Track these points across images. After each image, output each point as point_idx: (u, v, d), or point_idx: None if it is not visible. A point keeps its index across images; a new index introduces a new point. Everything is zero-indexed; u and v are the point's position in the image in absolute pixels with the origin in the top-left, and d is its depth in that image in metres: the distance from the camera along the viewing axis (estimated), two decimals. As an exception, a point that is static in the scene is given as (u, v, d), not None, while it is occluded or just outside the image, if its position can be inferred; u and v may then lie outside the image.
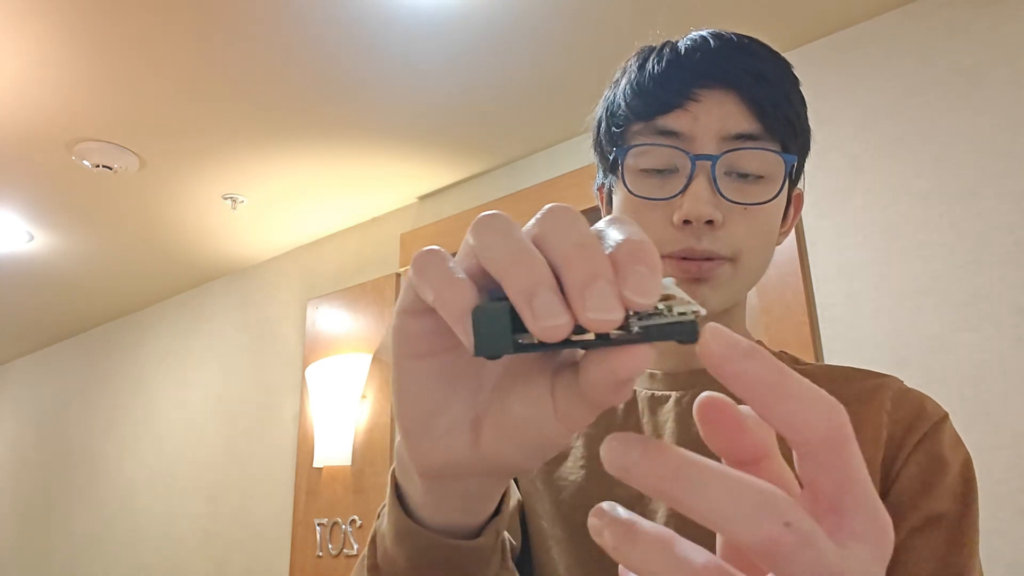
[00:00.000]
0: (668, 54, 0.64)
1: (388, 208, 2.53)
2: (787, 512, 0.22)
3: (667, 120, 0.61)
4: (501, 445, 0.32)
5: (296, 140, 2.09)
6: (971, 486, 0.58)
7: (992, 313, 1.37)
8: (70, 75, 1.79)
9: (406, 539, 0.39)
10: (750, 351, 0.23)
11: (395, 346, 0.33)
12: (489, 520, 0.40)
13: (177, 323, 3.20)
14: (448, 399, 0.33)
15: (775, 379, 0.23)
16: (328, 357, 2.45)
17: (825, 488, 0.24)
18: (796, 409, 0.23)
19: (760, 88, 0.61)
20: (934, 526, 0.55)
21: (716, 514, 0.22)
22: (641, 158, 0.63)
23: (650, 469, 0.23)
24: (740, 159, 0.61)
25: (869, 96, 1.59)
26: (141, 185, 2.31)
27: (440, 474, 0.34)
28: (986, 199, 1.43)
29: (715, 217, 0.59)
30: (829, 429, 0.23)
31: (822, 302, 1.56)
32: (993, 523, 1.28)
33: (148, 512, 2.99)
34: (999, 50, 1.47)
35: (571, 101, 1.92)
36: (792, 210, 0.71)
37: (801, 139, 0.65)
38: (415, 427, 0.33)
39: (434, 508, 0.37)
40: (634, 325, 0.25)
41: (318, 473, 2.39)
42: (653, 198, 0.62)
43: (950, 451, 0.58)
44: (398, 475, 0.39)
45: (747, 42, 0.65)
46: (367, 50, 1.73)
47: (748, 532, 0.22)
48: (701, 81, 0.61)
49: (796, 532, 0.22)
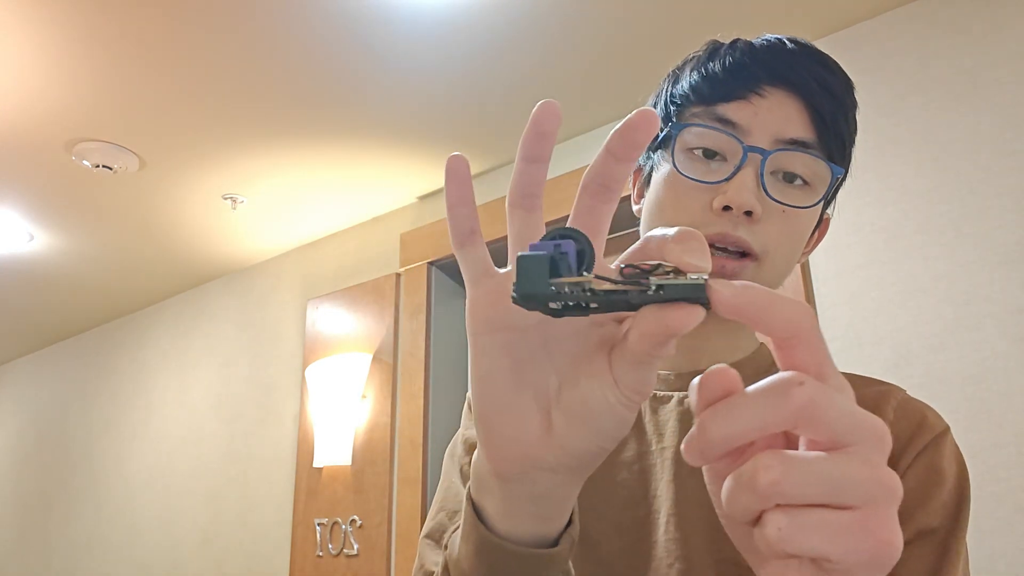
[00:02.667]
0: (742, 46, 0.64)
1: (388, 208, 2.53)
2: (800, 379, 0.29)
3: (728, 109, 0.62)
4: (571, 428, 0.35)
5: (296, 140, 2.09)
6: (964, 501, 0.58)
7: (992, 313, 1.37)
8: (70, 75, 1.79)
9: (487, 554, 0.40)
10: (747, 288, 0.29)
11: (469, 323, 0.36)
12: (564, 530, 0.41)
13: (177, 323, 3.20)
14: (519, 385, 0.36)
15: (769, 301, 0.29)
16: (328, 357, 2.45)
17: (811, 367, 0.30)
18: (788, 314, 0.29)
19: (824, 98, 0.62)
20: (925, 540, 0.55)
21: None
22: (694, 138, 0.63)
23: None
24: (790, 161, 0.61)
25: (869, 95, 1.59)
26: (141, 185, 2.32)
27: (516, 469, 0.37)
28: (986, 199, 1.43)
29: (755, 209, 0.59)
30: (809, 321, 0.30)
31: (822, 302, 1.56)
32: (993, 521, 1.28)
33: (148, 512, 2.99)
34: (999, 50, 1.47)
35: (571, 101, 1.92)
36: (817, 233, 0.71)
37: (848, 161, 0.65)
38: (491, 413, 0.36)
39: (511, 517, 0.39)
40: (652, 286, 0.29)
41: (318, 473, 2.39)
42: (699, 180, 0.62)
43: (948, 464, 0.59)
44: (474, 493, 0.41)
45: (822, 55, 0.65)
46: (367, 50, 1.73)
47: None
48: (769, 78, 0.62)
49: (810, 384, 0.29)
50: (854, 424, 0.29)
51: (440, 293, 2.36)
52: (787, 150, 0.60)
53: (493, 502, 0.39)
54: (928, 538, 0.55)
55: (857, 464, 0.29)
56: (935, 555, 0.55)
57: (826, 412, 0.28)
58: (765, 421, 0.29)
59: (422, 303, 2.32)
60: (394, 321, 2.37)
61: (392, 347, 2.35)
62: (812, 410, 0.28)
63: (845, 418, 0.29)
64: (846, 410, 0.29)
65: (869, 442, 0.30)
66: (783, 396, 0.28)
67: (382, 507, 2.21)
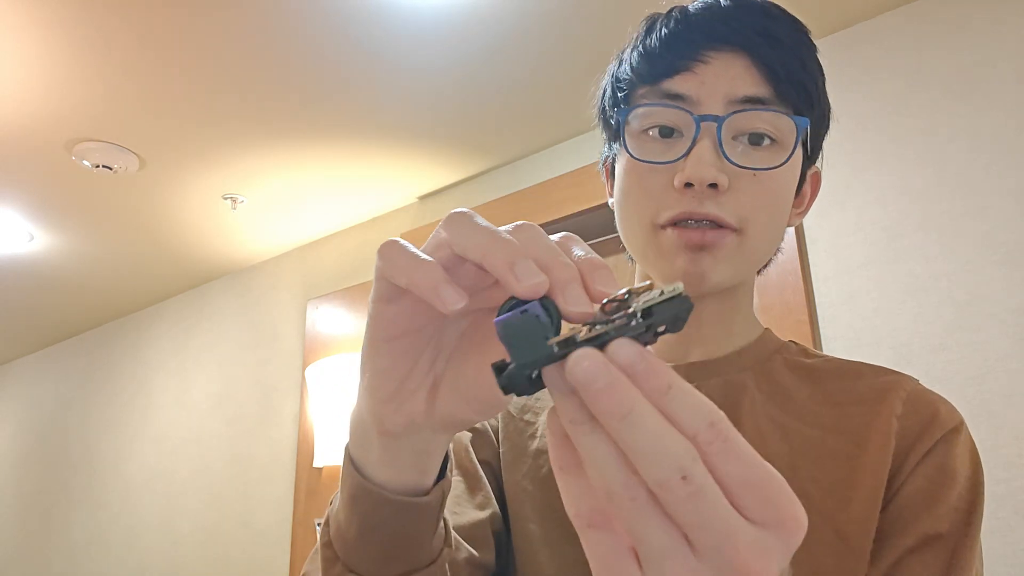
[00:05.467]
0: (676, 15, 0.61)
1: (388, 208, 2.52)
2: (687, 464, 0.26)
3: (673, 83, 0.58)
4: (455, 405, 0.37)
5: (296, 140, 2.09)
6: (976, 503, 0.54)
7: (993, 313, 1.37)
8: (70, 75, 1.79)
9: (360, 501, 0.42)
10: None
11: (370, 331, 0.37)
12: (435, 483, 0.43)
13: (177, 323, 3.20)
14: (411, 370, 0.38)
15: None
16: (328, 357, 2.45)
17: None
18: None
19: (772, 50, 0.58)
20: (932, 547, 0.52)
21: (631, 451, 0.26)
22: (644, 120, 0.60)
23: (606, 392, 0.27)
24: (750, 121, 0.57)
25: (869, 94, 1.59)
26: (141, 185, 2.31)
27: (400, 430, 0.39)
28: (987, 198, 1.43)
29: (719, 180, 0.56)
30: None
31: (822, 302, 1.56)
32: (993, 523, 1.28)
33: (148, 512, 2.99)
34: (999, 49, 1.47)
35: (571, 101, 1.92)
36: (809, 190, 0.67)
37: (818, 109, 0.61)
38: (383, 395, 0.38)
39: (387, 466, 0.41)
40: (638, 312, 0.27)
41: (318, 473, 2.39)
42: (655, 162, 0.58)
43: (960, 464, 0.55)
44: (352, 447, 0.43)
45: (763, 5, 0.61)
46: (367, 50, 1.73)
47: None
48: (709, 43, 0.58)
49: (690, 482, 0.26)
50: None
51: (440, 293, 2.36)
52: (743, 111, 0.57)
53: (371, 454, 0.41)
54: (936, 544, 0.52)
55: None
56: (943, 563, 0.52)
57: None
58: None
59: (422, 303, 2.31)
60: (394, 321, 2.37)
61: (392, 347, 2.35)
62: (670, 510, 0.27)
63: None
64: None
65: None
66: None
67: (382, 507, 2.21)
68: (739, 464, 0.26)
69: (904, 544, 0.53)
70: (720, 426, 0.26)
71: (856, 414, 0.59)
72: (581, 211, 1.99)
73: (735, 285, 0.63)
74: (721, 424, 0.26)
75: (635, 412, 0.26)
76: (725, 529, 0.26)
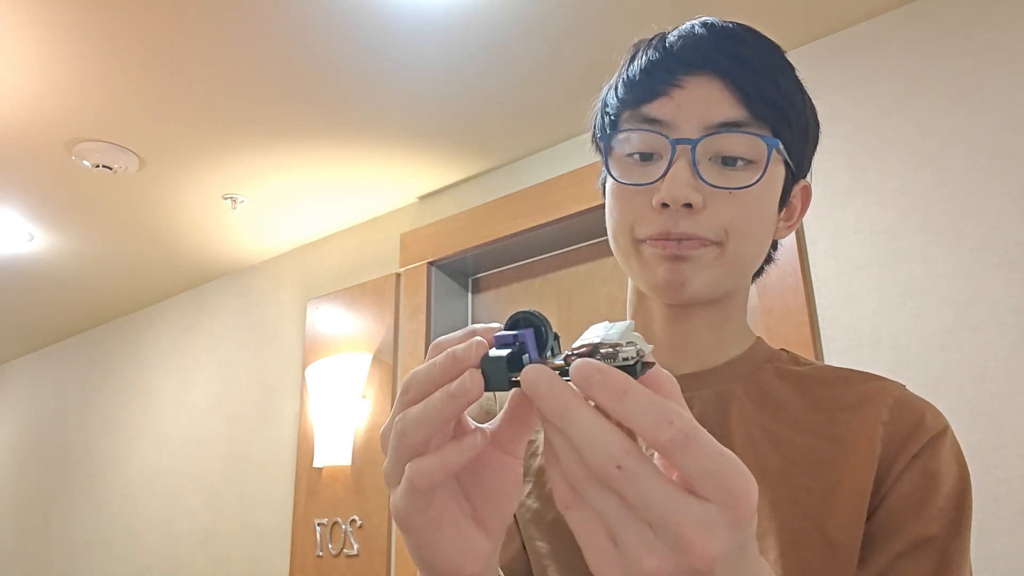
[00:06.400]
0: (657, 44, 0.65)
1: (388, 208, 2.53)
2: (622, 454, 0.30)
3: (651, 108, 0.62)
4: (503, 521, 0.40)
5: (296, 140, 2.09)
6: (965, 506, 0.55)
7: (993, 314, 1.37)
8: (70, 75, 1.79)
9: None
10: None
11: (404, 520, 0.38)
12: None
13: (177, 323, 3.20)
14: (446, 517, 0.39)
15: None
16: (328, 357, 2.45)
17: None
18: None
19: (745, 74, 0.60)
20: (922, 550, 0.53)
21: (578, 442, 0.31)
22: (625, 145, 0.63)
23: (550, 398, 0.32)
24: (724, 144, 0.60)
25: (869, 96, 1.59)
26: (141, 185, 2.32)
27: (476, 570, 0.40)
28: (986, 199, 1.43)
29: (693, 200, 0.58)
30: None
31: (822, 302, 1.56)
32: (993, 523, 1.28)
33: (148, 512, 2.99)
34: (999, 50, 1.47)
35: (571, 101, 1.92)
36: (799, 203, 0.69)
37: (796, 127, 0.63)
38: (442, 560, 0.39)
39: None
40: (596, 353, 0.33)
41: (318, 473, 2.39)
42: (635, 183, 0.62)
43: (946, 467, 0.56)
44: None
45: (734, 29, 0.64)
46: (367, 50, 1.73)
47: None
48: (685, 68, 0.61)
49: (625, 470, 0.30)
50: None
51: (440, 293, 2.36)
52: (716, 133, 0.60)
53: None
54: (926, 547, 0.53)
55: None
56: (934, 564, 0.53)
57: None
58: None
59: (422, 303, 2.32)
60: (394, 321, 2.37)
61: (392, 347, 2.35)
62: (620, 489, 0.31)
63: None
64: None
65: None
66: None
67: (382, 507, 2.21)
68: (700, 456, 0.30)
69: (894, 549, 0.54)
70: (679, 423, 0.30)
71: (843, 420, 0.60)
72: (581, 211, 1.99)
73: (724, 296, 0.65)
74: (680, 422, 0.30)
75: (570, 411, 0.31)
76: (668, 506, 0.30)
